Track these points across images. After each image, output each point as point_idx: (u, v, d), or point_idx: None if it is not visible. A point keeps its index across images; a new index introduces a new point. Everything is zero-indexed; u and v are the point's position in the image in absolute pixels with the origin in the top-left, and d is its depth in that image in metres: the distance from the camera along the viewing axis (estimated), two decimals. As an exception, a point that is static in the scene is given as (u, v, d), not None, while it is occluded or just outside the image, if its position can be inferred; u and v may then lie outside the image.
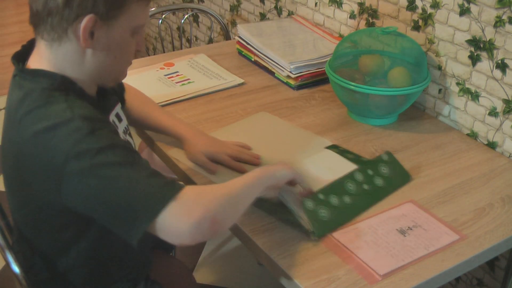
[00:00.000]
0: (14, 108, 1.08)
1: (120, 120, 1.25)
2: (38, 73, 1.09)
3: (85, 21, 1.04)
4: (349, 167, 1.39)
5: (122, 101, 1.44)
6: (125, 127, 1.26)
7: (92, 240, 1.14)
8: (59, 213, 1.09)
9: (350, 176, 1.33)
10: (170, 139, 1.53)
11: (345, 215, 1.26)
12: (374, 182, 1.34)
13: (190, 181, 1.39)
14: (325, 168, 1.41)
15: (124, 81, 1.35)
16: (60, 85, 1.08)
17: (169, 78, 1.85)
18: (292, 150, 1.50)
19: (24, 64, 1.13)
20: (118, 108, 1.27)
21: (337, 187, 1.30)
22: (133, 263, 1.29)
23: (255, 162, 1.41)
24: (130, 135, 1.29)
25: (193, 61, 1.97)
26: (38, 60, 1.11)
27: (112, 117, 1.21)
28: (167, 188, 1.01)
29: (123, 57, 1.14)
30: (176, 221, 0.99)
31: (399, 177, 1.39)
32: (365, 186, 1.33)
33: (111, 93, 1.27)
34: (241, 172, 1.37)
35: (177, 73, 1.89)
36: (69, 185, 1.01)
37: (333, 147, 1.50)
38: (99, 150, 0.99)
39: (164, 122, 1.46)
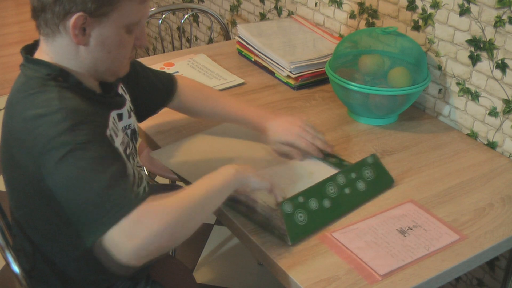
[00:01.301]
0: (13, 94, 1.11)
1: (120, 119, 1.25)
2: (39, 63, 1.12)
3: (74, 18, 1.06)
4: (329, 172, 1.37)
5: (171, 96, 1.47)
6: (124, 126, 1.26)
7: None
8: (48, 203, 1.10)
9: (332, 178, 1.30)
10: (171, 140, 1.53)
11: (322, 220, 1.24)
12: (356, 186, 1.32)
13: (188, 183, 1.39)
14: (306, 173, 1.40)
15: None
16: (57, 75, 1.10)
17: (169, 78, 1.85)
18: (274, 154, 1.47)
19: (31, 55, 1.16)
20: (124, 110, 1.26)
21: (318, 190, 1.27)
22: None
23: (319, 155, 1.44)
24: (128, 134, 1.29)
25: (193, 61, 1.97)
26: (39, 54, 1.15)
27: (113, 114, 1.21)
28: (123, 204, 0.99)
29: (118, 53, 1.14)
30: (121, 242, 0.97)
31: (382, 181, 1.36)
32: (347, 190, 1.30)
33: (119, 94, 1.27)
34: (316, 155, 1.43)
35: (177, 73, 1.89)
36: (44, 173, 1.02)
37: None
38: (72, 148, 1.00)
39: (233, 112, 1.49)
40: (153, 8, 2.25)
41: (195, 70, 1.91)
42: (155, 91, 1.45)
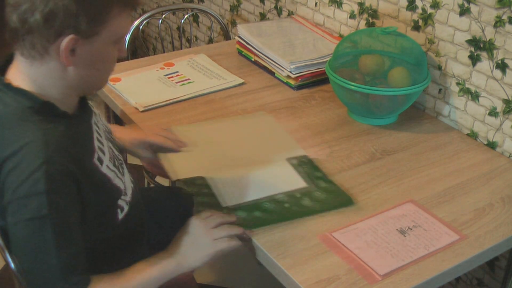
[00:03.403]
0: None
1: (98, 126, 1.23)
2: (20, 93, 1.08)
3: (66, 41, 1.02)
4: (297, 183, 1.36)
5: None
6: (103, 130, 1.25)
7: (85, 238, 1.14)
8: None
9: (271, 197, 1.31)
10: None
11: (252, 224, 1.24)
12: (300, 202, 1.30)
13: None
14: (279, 181, 1.38)
15: (125, 81, 1.33)
16: (40, 108, 1.07)
17: (169, 78, 1.85)
18: (257, 154, 1.48)
19: (3, 76, 1.11)
20: (97, 117, 1.25)
21: (251, 205, 1.29)
22: (130, 262, 1.29)
23: (177, 150, 1.43)
24: (108, 139, 1.26)
25: (193, 61, 1.97)
26: (19, 76, 1.09)
27: (93, 122, 1.20)
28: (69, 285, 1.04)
29: (105, 68, 1.13)
30: None
31: (335, 200, 1.32)
32: (286, 205, 1.29)
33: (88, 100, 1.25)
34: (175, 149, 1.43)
35: (177, 73, 1.89)
36: (8, 219, 1.04)
37: (299, 159, 1.45)
38: (42, 216, 1.01)
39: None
40: (153, 8, 2.26)
41: (195, 70, 1.91)
42: None
